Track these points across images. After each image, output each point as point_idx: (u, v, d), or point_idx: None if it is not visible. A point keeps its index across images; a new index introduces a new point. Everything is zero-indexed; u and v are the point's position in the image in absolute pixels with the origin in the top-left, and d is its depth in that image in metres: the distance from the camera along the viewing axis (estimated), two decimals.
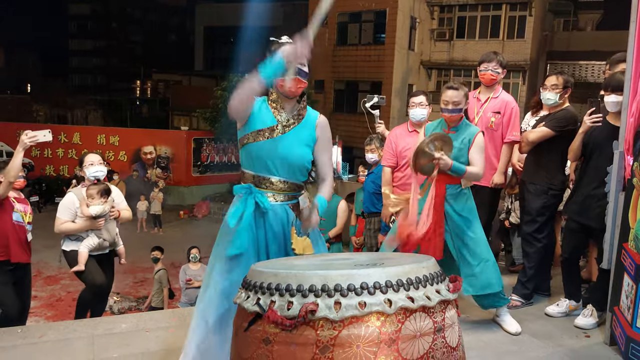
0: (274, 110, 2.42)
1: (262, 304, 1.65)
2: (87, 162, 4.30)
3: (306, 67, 2.39)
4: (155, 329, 3.48)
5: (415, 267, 1.70)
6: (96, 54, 48.22)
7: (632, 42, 3.09)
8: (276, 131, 2.38)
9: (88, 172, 4.25)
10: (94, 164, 4.29)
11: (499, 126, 4.14)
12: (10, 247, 3.89)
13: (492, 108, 4.17)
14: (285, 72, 2.27)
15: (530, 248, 3.90)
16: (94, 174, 4.28)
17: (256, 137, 2.37)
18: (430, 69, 22.09)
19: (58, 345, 3.21)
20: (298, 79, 2.36)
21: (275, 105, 2.43)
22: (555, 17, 23.58)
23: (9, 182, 3.76)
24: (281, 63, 2.21)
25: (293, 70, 2.29)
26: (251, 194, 2.37)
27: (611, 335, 3.20)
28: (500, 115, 4.14)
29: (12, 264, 3.92)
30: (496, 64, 4.16)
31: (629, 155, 3.10)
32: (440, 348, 1.64)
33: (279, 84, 2.38)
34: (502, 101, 4.20)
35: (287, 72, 2.28)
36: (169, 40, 49.04)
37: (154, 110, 34.93)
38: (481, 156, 3.33)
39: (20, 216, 4.00)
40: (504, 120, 4.14)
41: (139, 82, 40.01)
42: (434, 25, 21.79)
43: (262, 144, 2.37)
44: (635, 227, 2.91)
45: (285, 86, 2.37)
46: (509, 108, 4.16)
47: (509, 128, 4.15)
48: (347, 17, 21.76)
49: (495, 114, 4.14)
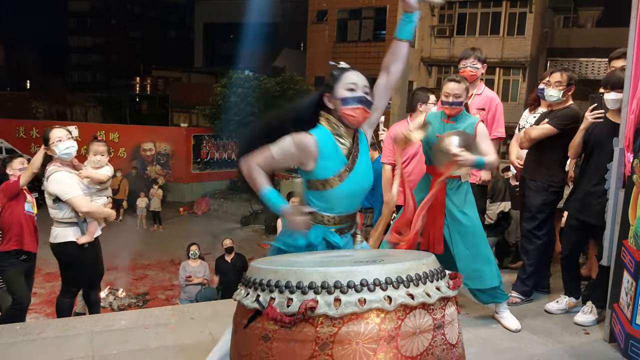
0: (341, 146, 2.25)
1: (261, 301, 1.65)
2: (54, 139, 3.80)
3: (370, 95, 2.25)
4: (155, 326, 3.48)
5: (415, 264, 1.70)
6: (96, 50, 48.13)
7: (632, 39, 3.08)
8: (347, 170, 2.23)
9: (58, 150, 3.80)
10: (62, 139, 3.81)
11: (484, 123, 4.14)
12: (24, 235, 3.97)
13: (476, 105, 4.15)
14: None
15: (530, 245, 3.90)
16: (65, 152, 3.81)
17: (332, 184, 2.21)
18: (431, 66, 22.05)
19: (57, 342, 3.21)
20: (364, 109, 2.22)
21: (340, 139, 2.25)
22: (556, 13, 23.55)
23: (33, 173, 3.88)
24: (280, 213, 2.15)
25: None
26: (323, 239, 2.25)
27: (611, 332, 3.20)
28: (485, 112, 4.14)
29: (25, 253, 4.00)
30: (474, 59, 4.15)
31: (629, 152, 3.09)
32: (439, 345, 1.64)
33: (345, 112, 2.21)
34: (486, 98, 4.20)
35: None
36: (169, 36, 48.98)
37: (154, 107, 34.86)
38: (489, 143, 3.32)
39: (30, 206, 4.08)
40: (489, 116, 4.14)
41: (138, 78, 39.91)
42: (435, 21, 21.76)
43: (340, 188, 2.22)
44: (635, 224, 2.91)
45: (350, 115, 2.21)
46: (494, 104, 4.17)
47: (493, 125, 4.14)
48: (347, 14, 21.75)
49: (480, 111, 4.13)
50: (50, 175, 3.81)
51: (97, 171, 4.04)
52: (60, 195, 3.79)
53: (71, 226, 3.90)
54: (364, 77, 2.28)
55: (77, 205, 3.81)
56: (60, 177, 3.80)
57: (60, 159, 3.85)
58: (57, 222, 3.90)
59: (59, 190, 3.79)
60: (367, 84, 2.27)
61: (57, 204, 3.85)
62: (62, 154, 3.81)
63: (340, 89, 2.23)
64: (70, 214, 3.88)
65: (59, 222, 3.89)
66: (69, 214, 3.88)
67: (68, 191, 3.79)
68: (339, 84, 2.24)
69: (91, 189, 3.99)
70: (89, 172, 3.99)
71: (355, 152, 2.27)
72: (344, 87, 2.22)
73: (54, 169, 3.83)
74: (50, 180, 3.80)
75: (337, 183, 2.21)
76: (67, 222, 3.89)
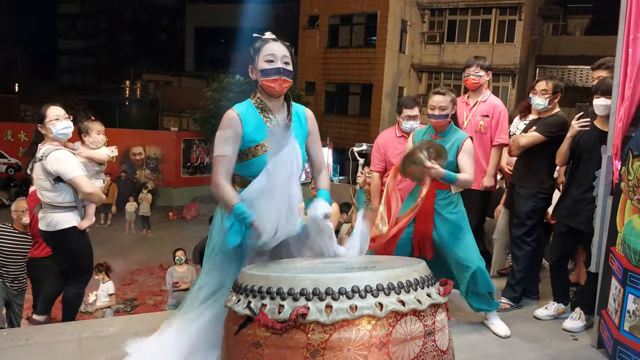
0: (265, 119, 2.36)
1: (253, 307, 1.64)
2: (52, 116, 3.51)
3: (290, 65, 2.34)
4: (144, 332, 3.44)
5: (406, 271, 1.70)
6: (85, 53, 47.80)
7: (620, 47, 3.12)
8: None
9: (55, 129, 3.49)
10: (59, 118, 3.53)
11: (487, 129, 4.16)
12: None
13: (480, 112, 4.20)
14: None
15: (519, 251, 3.92)
16: (62, 132, 3.53)
17: (255, 153, 2.33)
18: (421, 72, 22.18)
19: (45, 348, 3.17)
20: (283, 79, 2.31)
21: (266, 113, 2.37)
22: (545, 21, 23.81)
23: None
24: (252, 225, 2.16)
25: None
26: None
27: (599, 338, 3.22)
28: (488, 119, 4.17)
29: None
30: (476, 67, 4.19)
31: (617, 159, 3.12)
32: (430, 351, 1.64)
33: (265, 83, 2.32)
34: (491, 105, 4.23)
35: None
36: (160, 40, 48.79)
37: (144, 110, 34.67)
38: (470, 162, 3.32)
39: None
40: (493, 123, 4.17)
41: (128, 82, 39.70)
42: (425, 28, 21.91)
43: (262, 158, 2.31)
44: (623, 231, 2.93)
45: (270, 87, 2.32)
46: (497, 111, 4.19)
47: (497, 131, 4.17)
48: (338, 20, 21.82)
49: (484, 118, 4.18)
50: (50, 154, 3.46)
51: (97, 151, 3.82)
52: (64, 174, 3.45)
53: (71, 210, 3.59)
54: (285, 47, 2.35)
55: (81, 185, 3.49)
56: (62, 156, 3.48)
57: (55, 139, 3.53)
58: (54, 207, 3.54)
59: (61, 169, 3.44)
60: (287, 53, 2.34)
61: (57, 185, 3.49)
62: (59, 134, 3.51)
63: (260, 60, 2.31)
64: (71, 197, 3.56)
65: (58, 206, 3.54)
66: (70, 197, 3.56)
67: (71, 169, 3.47)
68: (259, 56, 2.32)
69: (90, 171, 3.72)
70: (90, 152, 3.75)
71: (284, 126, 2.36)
72: (263, 59, 2.31)
73: (51, 147, 3.49)
74: (51, 159, 3.44)
75: (261, 152, 2.32)
76: (68, 206, 3.56)
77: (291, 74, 2.35)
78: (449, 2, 21.03)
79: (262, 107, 2.37)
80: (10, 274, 4.85)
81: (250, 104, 2.39)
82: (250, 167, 2.35)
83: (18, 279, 4.87)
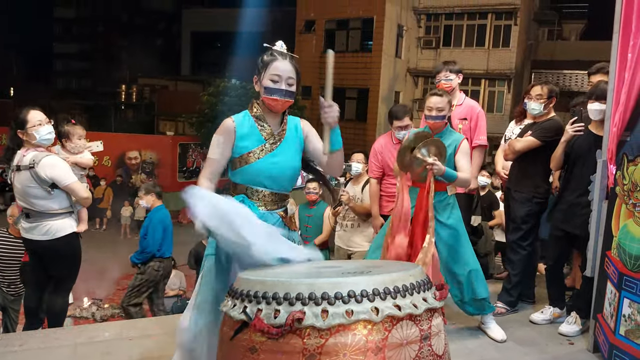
0: (260, 128, 2.40)
1: (248, 312, 1.64)
2: (34, 121, 3.35)
3: (294, 85, 2.37)
4: (139, 337, 3.44)
5: (403, 275, 1.70)
6: (81, 57, 47.74)
7: (614, 52, 3.14)
8: (265, 150, 2.37)
9: (39, 135, 3.36)
10: (42, 123, 3.38)
11: (467, 132, 4.17)
12: None
13: (458, 115, 4.20)
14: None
15: (515, 255, 3.93)
16: (46, 137, 3.40)
17: (247, 160, 2.36)
18: (417, 77, 22.24)
19: (39, 354, 3.15)
20: (285, 100, 2.35)
21: (261, 122, 2.40)
22: (540, 26, 23.93)
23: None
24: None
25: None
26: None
27: (594, 342, 3.22)
28: (467, 122, 4.19)
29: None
30: (446, 72, 4.23)
31: (611, 164, 3.14)
32: (426, 356, 1.64)
33: (267, 100, 2.36)
34: (467, 107, 4.26)
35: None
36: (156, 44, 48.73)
37: (140, 115, 34.60)
38: (468, 162, 3.36)
39: None
40: (472, 125, 4.19)
41: (124, 86, 39.63)
42: (421, 33, 21.97)
43: (254, 165, 2.35)
44: (618, 235, 2.94)
45: (271, 104, 2.36)
46: (475, 113, 4.22)
47: (475, 132, 4.19)
48: (334, 24, 21.87)
49: (462, 121, 4.19)
50: (42, 160, 3.35)
51: (82, 155, 3.82)
52: (60, 181, 3.39)
53: (69, 216, 3.56)
54: (292, 67, 2.36)
55: (77, 191, 3.47)
56: (55, 162, 3.41)
57: (39, 145, 3.41)
58: (51, 215, 3.46)
59: (56, 175, 3.38)
60: (293, 74, 2.37)
61: (54, 192, 3.42)
62: (43, 139, 3.39)
63: (265, 77, 2.34)
64: (68, 203, 3.53)
65: (55, 213, 3.47)
66: (66, 203, 3.52)
67: (68, 176, 3.42)
68: (266, 72, 2.34)
69: (76, 175, 3.65)
70: (76, 157, 3.76)
71: (280, 138, 2.40)
72: (269, 77, 2.33)
73: (41, 154, 3.39)
74: (44, 166, 3.34)
75: (253, 160, 2.35)
76: (65, 212, 3.53)
77: (294, 95, 2.39)
78: (445, 7, 21.11)
79: (257, 116, 2.42)
80: (6, 280, 4.83)
81: (247, 114, 2.45)
82: (242, 174, 2.38)
83: (14, 284, 4.85)
